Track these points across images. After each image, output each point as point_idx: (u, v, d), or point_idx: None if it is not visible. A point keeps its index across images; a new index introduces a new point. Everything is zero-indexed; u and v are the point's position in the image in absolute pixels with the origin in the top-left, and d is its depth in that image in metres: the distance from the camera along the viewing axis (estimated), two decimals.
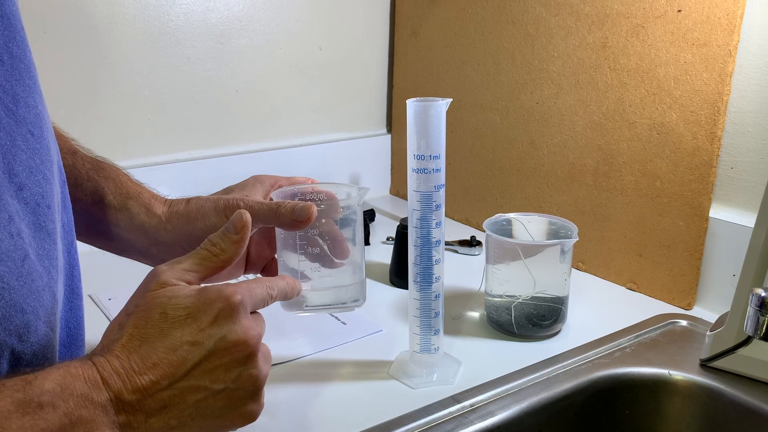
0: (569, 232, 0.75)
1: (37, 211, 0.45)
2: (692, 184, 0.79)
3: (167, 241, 0.61)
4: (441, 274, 0.65)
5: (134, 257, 0.65)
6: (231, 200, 0.59)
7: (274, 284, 0.52)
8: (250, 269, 0.65)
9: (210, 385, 0.43)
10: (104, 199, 0.62)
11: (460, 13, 1.07)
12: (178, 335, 0.43)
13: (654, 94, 0.81)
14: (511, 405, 0.62)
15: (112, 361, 0.42)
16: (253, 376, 0.45)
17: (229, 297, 0.45)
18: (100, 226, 0.63)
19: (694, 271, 0.80)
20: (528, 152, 0.99)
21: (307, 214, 0.56)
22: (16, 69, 0.45)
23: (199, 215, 0.59)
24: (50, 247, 0.46)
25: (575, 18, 0.89)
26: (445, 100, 0.61)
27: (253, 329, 0.46)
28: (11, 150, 0.43)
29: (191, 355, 0.43)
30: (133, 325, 0.44)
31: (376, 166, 1.29)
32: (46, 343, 0.45)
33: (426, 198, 0.62)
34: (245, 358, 0.45)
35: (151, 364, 0.42)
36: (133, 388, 0.41)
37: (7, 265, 0.41)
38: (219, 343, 0.44)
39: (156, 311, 0.44)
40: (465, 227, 1.12)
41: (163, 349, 0.42)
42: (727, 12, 0.73)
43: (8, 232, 0.41)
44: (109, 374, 0.41)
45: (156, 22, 1.01)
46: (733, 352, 0.65)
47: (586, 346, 0.72)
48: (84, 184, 0.62)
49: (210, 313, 0.44)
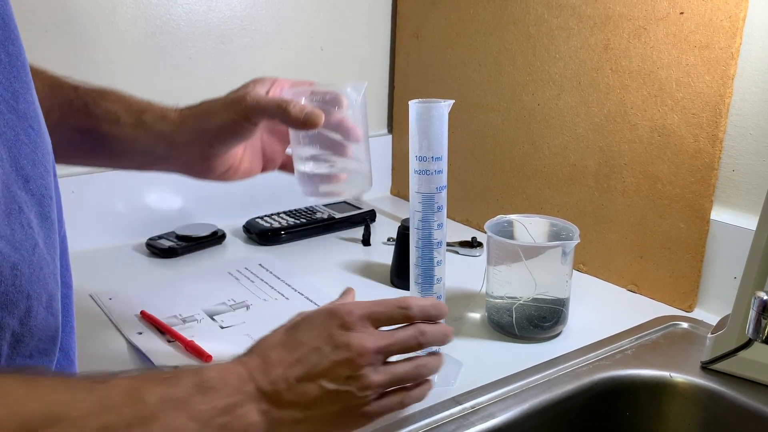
0: (570, 233, 0.75)
1: (43, 202, 0.48)
2: (694, 186, 0.79)
3: (184, 141, 0.64)
4: (442, 275, 0.65)
5: (156, 167, 0.69)
6: (238, 95, 0.62)
7: (389, 310, 0.56)
8: (268, 166, 0.71)
9: (325, 384, 0.50)
10: (119, 120, 0.65)
11: (462, 14, 1.07)
12: (305, 340, 0.52)
13: (655, 96, 0.81)
14: (512, 407, 0.62)
15: (255, 360, 0.51)
16: (361, 382, 0.51)
17: (348, 314, 0.53)
18: (120, 146, 0.66)
19: (696, 274, 0.80)
20: (529, 153, 0.99)
21: (315, 119, 0.59)
22: (14, 67, 0.47)
23: (210, 113, 0.63)
24: (54, 236, 0.49)
25: (577, 19, 0.89)
26: (448, 101, 0.61)
27: (367, 342, 0.52)
28: (15, 144, 0.46)
29: (312, 357, 0.51)
30: (279, 333, 0.54)
31: (377, 166, 1.29)
32: (45, 327, 0.48)
33: (428, 199, 0.62)
34: (353, 366, 0.51)
35: (287, 363, 0.50)
36: (269, 380, 0.49)
37: (20, 254, 0.44)
38: (335, 350, 0.51)
39: (293, 323, 0.54)
40: (466, 228, 1.12)
41: (292, 351, 0.51)
42: (729, 15, 0.73)
43: (19, 222, 0.45)
44: (252, 369, 0.50)
45: (157, 22, 1.01)
46: (734, 355, 0.65)
47: (587, 348, 0.72)
48: (95, 112, 0.65)
49: (332, 326, 0.52)
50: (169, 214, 1.07)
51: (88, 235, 1.00)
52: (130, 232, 1.04)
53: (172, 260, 0.98)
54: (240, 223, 1.09)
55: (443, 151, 0.61)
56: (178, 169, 0.67)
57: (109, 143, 0.65)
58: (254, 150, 0.69)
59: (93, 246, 1.01)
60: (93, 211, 1.01)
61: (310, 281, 0.90)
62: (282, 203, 1.16)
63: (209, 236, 1.02)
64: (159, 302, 0.82)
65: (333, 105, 0.63)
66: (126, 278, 0.91)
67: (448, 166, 0.63)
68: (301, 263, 0.97)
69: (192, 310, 0.81)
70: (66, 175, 0.98)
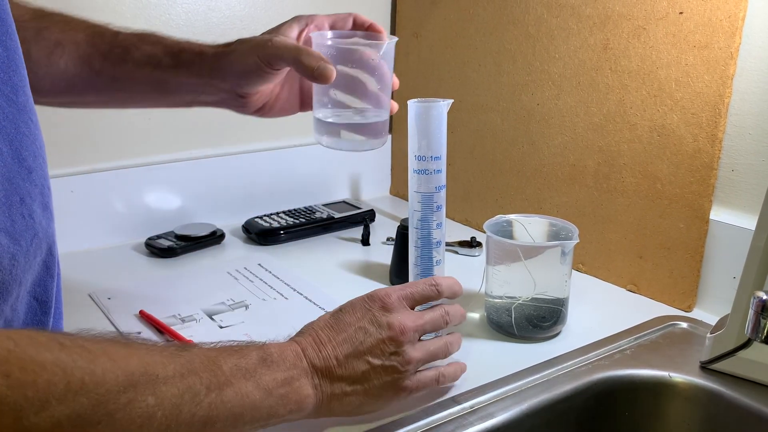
0: (570, 233, 0.75)
1: (44, 192, 0.51)
2: (693, 186, 0.79)
3: (217, 80, 0.67)
4: (441, 274, 0.65)
5: (200, 104, 0.72)
6: (264, 39, 0.64)
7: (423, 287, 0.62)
8: (306, 105, 0.73)
9: (371, 359, 0.55)
10: (160, 63, 0.67)
11: (462, 13, 1.07)
12: (350, 322, 0.57)
13: (655, 96, 0.81)
14: (511, 406, 0.62)
15: (307, 339, 0.56)
16: (403, 357, 0.57)
17: (387, 296, 0.59)
18: (163, 87, 0.69)
19: (695, 273, 0.80)
20: (529, 153, 0.99)
21: (326, 75, 0.61)
22: (12, 61, 0.48)
23: (237, 55, 0.65)
24: (53, 225, 0.52)
25: (576, 19, 0.89)
26: (446, 101, 0.61)
27: (406, 320, 0.57)
28: (17, 137, 0.48)
29: (358, 336, 0.56)
30: (325, 317, 0.59)
31: (376, 166, 1.29)
32: (32, 311, 0.51)
33: (427, 199, 0.62)
34: (397, 343, 0.56)
35: (335, 342, 0.55)
36: (320, 357, 0.54)
37: (20, 245, 0.47)
38: (378, 329, 0.56)
39: (337, 309, 0.59)
40: (465, 228, 1.12)
41: (340, 331, 0.56)
42: (728, 14, 0.73)
43: (20, 214, 0.47)
44: (305, 347, 0.55)
45: (157, 22, 1.01)
46: (733, 355, 0.65)
47: (586, 348, 0.72)
48: (135, 56, 0.67)
49: (373, 307, 0.58)
50: (168, 214, 1.07)
51: (86, 234, 1.00)
52: (129, 232, 1.04)
53: (171, 260, 0.98)
54: (239, 222, 1.09)
55: (442, 151, 0.61)
56: (218, 105, 0.70)
57: (152, 85, 0.69)
58: (291, 89, 0.72)
59: (92, 245, 1.01)
60: (92, 210, 1.01)
61: (309, 281, 0.90)
62: (281, 203, 1.16)
63: (208, 236, 1.02)
64: (158, 302, 0.82)
65: (356, 55, 0.63)
66: (125, 278, 0.91)
67: (448, 166, 0.63)
68: (300, 263, 0.97)
69: (191, 309, 0.81)
70: (65, 174, 0.98)
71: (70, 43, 0.68)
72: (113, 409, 0.40)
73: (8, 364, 0.36)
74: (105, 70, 0.68)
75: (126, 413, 0.41)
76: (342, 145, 0.66)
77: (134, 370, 0.42)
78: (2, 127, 0.47)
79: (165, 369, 0.44)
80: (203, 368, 0.47)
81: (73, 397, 0.38)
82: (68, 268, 0.73)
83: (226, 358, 0.49)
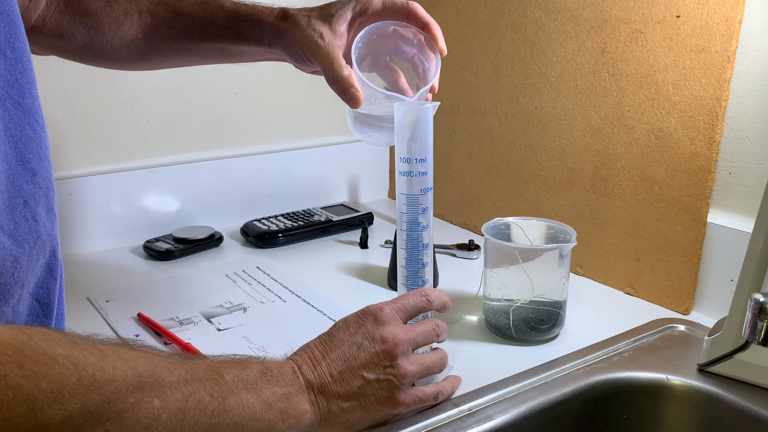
0: (567, 236, 0.75)
1: (48, 195, 0.51)
2: (690, 189, 0.79)
3: (278, 51, 0.69)
4: (429, 277, 0.65)
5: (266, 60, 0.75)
6: (308, 39, 0.65)
7: (414, 299, 0.62)
8: None
9: (366, 374, 0.56)
10: (223, 34, 0.70)
11: (460, 17, 1.07)
12: (343, 338, 0.58)
13: (652, 100, 0.82)
14: (509, 409, 0.62)
15: (302, 356, 0.56)
16: (395, 371, 0.57)
17: (380, 310, 0.59)
18: (229, 51, 0.72)
19: (692, 276, 0.80)
20: (526, 156, 0.99)
21: (353, 101, 0.64)
22: (19, 63, 0.49)
23: (287, 41, 0.67)
24: (57, 227, 0.53)
25: (574, 23, 0.89)
26: (434, 103, 0.61)
27: (399, 333, 0.58)
28: (22, 139, 0.48)
29: (352, 351, 0.56)
30: (320, 335, 0.59)
31: (375, 169, 1.30)
32: (34, 313, 0.51)
33: (413, 201, 0.62)
34: (391, 356, 0.57)
35: (330, 359, 0.56)
36: (315, 374, 0.55)
37: (22, 247, 0.47)
38: (371, 343, 0.57)
39: (331, 327, 0.60)
40: (463, 231, 1.12)
41: (334, 348, 0.57)
42: (725, 18, 0.74)
43: (24, 216, 0.47)
44: (301, 364, 0.55)
45: None
46: (730, 357, 0.65)
47: (584, 351, 0.72)
48: (198, 23, 0.70)
49: (366, 322, 0.58)
50: (166, 217, 1.07)
51: (85, 237, 1.00)
52: (128, 235, 1.04)
53: (169, 263, 0.98)
54: (237, 225, 1.09)
55: (428, 153, 0.61)
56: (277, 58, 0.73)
57: (218, 52, 0.72)
58: None
59: (90, 248, 1.01)
60: (90, 213, 1.01)
61: (307, 284, 0.90)
62: (279, 206, 1.16)
63: (206, 239, 1.02)
64: (156, 304, 0.82)
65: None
66: (123, 280, 0.91)
67: (446, 169, 0.63)
68: (298, 266, 0.97)
69: (189, 312, 0.81)
70: (64, 177, 0.98)
71: (137, 13, 0.70)
72: (122, 408, 0.41)
73: (22, 355, 0.36)
74: (172, 39, 0.71)
75: (133, 413, 0.41)
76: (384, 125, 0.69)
77: (142, 371, 0.43)
78: (8, 129, 0.47)
79: (170, 374, 0.45)
80: (206, 377, 0.48)
81: (85, 392, 0.39)
82: (67, 270, 0.72)
83: (228, 369, 0.50)
